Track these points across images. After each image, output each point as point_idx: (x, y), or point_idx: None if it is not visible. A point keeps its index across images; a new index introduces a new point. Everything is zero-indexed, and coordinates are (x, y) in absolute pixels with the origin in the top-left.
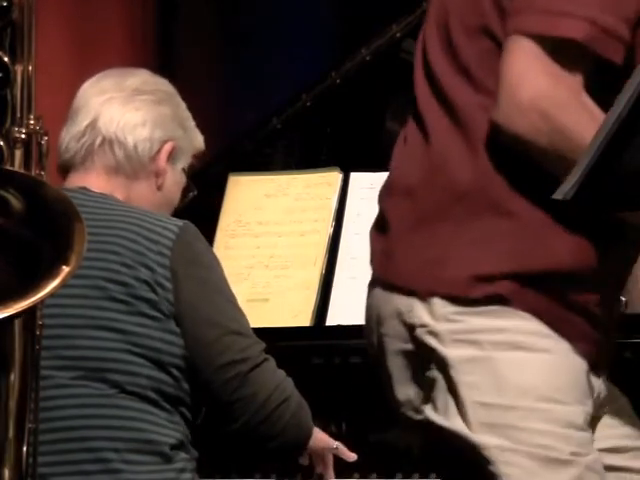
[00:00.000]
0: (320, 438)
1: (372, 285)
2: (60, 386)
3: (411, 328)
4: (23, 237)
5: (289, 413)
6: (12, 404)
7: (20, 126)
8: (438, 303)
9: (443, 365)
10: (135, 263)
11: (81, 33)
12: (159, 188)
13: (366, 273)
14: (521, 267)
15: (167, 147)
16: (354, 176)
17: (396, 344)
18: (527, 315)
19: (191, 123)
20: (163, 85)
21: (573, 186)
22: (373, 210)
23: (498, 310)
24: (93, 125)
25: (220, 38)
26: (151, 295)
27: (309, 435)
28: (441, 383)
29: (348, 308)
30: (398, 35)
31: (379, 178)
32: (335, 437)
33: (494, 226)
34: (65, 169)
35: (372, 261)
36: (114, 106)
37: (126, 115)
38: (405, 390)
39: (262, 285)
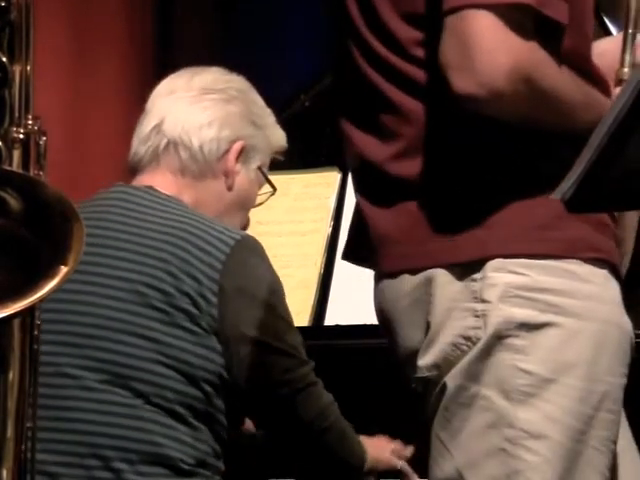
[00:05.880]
0: (385, 461)
1: None
2: (86, 388)
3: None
4: (21, 237)
5: (331, 441)
6: (10, 404)
7: (18, 126)
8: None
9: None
10: (181, 273)
11: (80, 33)
12: (229, 188)
13: (364, 273)
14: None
15: (236, 146)
16: None
17: None
18: (592, 270)
19: (268, 120)
20: (235, 82)
21: (572, 185)
22: None
23: (559, 265)
24: (158, 128)
25: (218, 39)
26: (191, 308)
27: (358, 464)
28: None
29: (346, 308)
30: None
31: None
32: None
33: None
34: (133, 171)
35: None
36: (181, 107)
37: (192, 116)
38: None
39: None
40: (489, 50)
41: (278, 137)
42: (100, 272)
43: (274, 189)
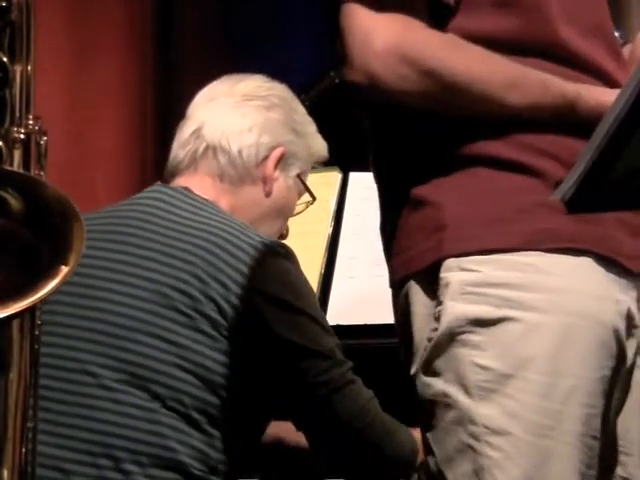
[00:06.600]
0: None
1: None
2: (104, 387)
3: None
4: (22, 237)
5: (374, 438)
6: (11, 404)
7: (19, 126)
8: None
9: (446, 320)
10: (208, 277)
11: (80, 33)
12: (267, 195)
13: (364, 273)
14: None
15: (275, 153)
16: (354, 176)
17: None
18: (560, 261)
19: (309, 128)
20: (277, 90)
21: (572, 186)
22: (372, 210)
23: (515, 258)
24: (198, 132)
25: (219, 39)
26: (215, 315)
27: (406, 457)
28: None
29: (346, 308)
30: None
31: None
32: None
33: None
34: (171, 175)
35: None
36: (221, 112)
37: (232, 121)
38: None
39: None
40: (363, 36)
41: (319, 147)
42: (128, 271)
43: (313, 198)
